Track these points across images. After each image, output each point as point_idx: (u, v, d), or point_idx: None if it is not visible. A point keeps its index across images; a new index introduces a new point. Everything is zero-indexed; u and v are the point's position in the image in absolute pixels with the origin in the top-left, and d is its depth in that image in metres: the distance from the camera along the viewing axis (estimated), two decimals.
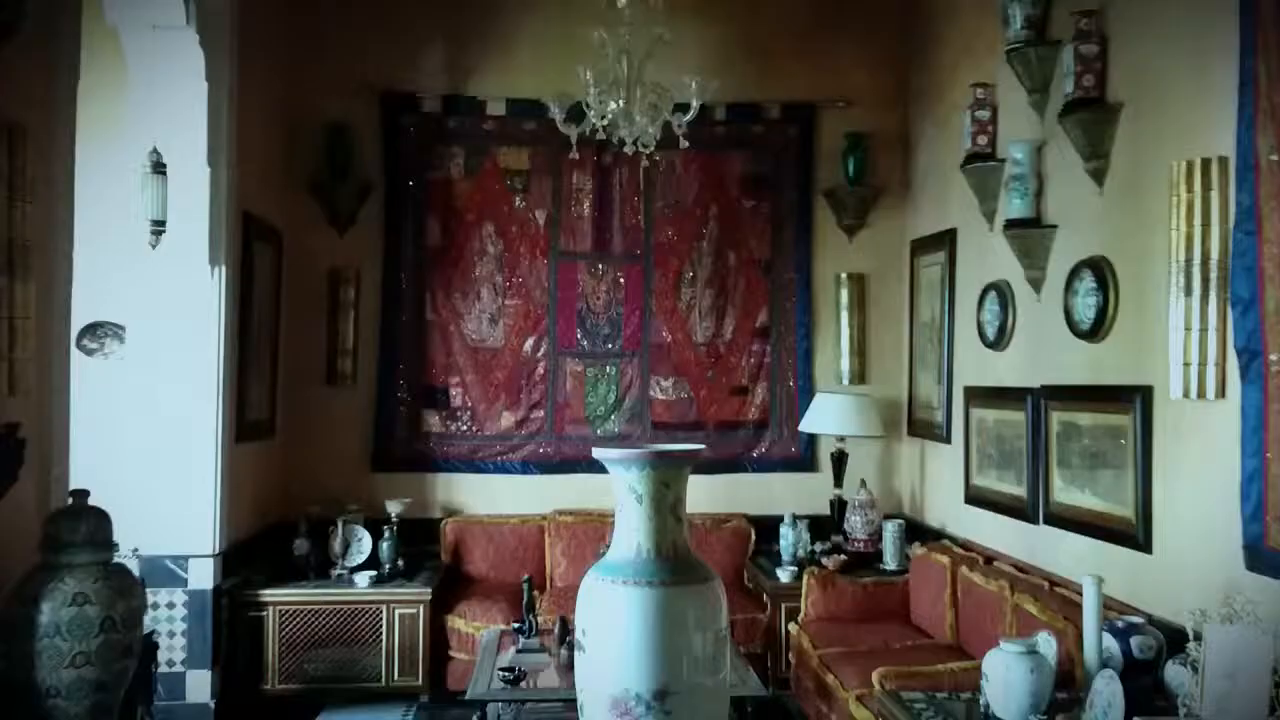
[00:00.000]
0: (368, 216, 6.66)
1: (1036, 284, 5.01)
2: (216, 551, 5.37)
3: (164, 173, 4.94)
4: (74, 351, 4.43)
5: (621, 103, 4.93)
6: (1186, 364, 3.69)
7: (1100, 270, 4.41)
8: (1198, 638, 2.64)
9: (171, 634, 5.28)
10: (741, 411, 6.93)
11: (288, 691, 5.64)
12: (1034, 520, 5.00)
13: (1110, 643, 3.57)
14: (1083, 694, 3.41)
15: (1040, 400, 4.96)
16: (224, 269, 5.38)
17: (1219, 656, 2.57)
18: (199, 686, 5.32)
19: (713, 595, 2.43)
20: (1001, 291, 5.39)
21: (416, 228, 6.73)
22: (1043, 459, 4.91)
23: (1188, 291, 3.67)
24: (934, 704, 3.72)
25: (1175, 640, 3.40)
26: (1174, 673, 3.39)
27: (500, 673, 4.60)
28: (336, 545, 5.99)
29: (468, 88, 6.77)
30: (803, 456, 6.91)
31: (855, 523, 6.39)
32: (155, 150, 4.93)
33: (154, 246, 4.94)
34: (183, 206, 5.11)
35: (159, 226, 4.92)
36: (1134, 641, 3.57)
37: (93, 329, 5.30)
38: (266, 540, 6.11)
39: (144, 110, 5.14)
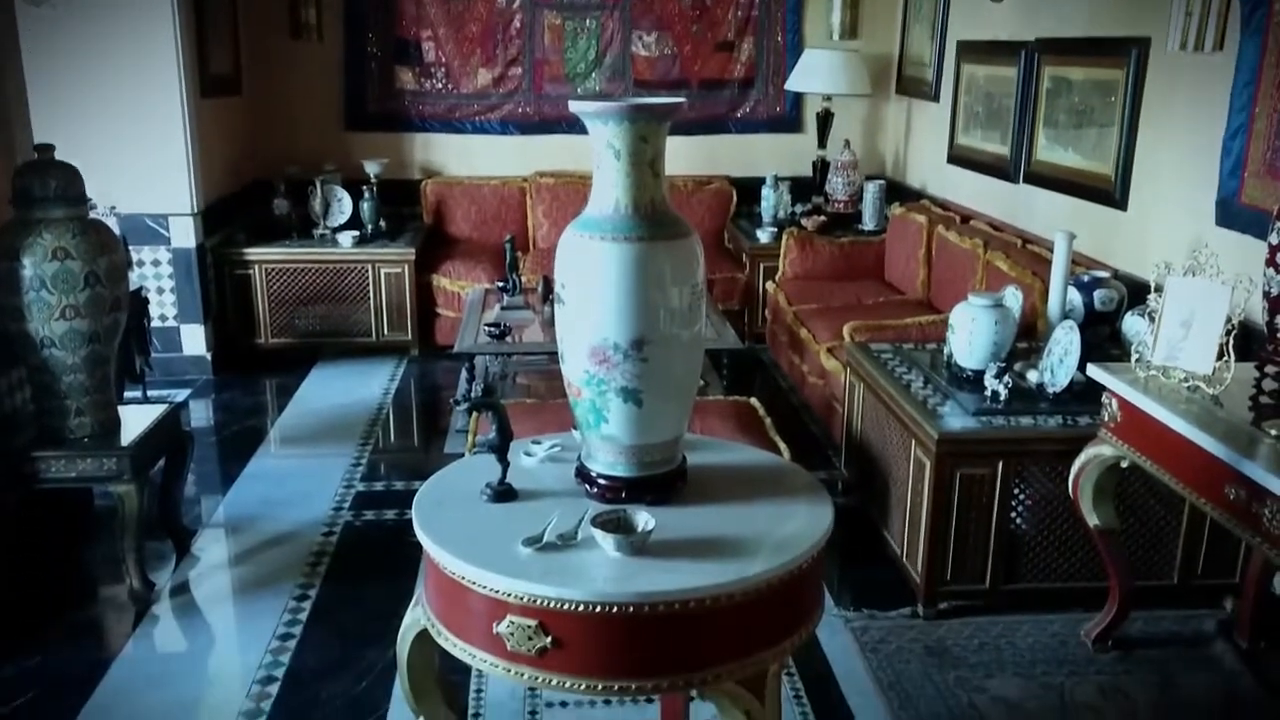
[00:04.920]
0: None
1: None
2: (195, 211, 5.36)
3: None
4: (20, 5, 4.16)
5: None
6: (1189, 13, 3.54)
7: None
8: (1159, 290, 2.71)
9: (160, 290, 5.39)
10: (727, 69, 6.68)
11: (281, 345, 5.85)
12: (1014, 179, 5.00)
13: (1074, 295, 3.68)
14: (1043, 344, 3.57)
15: (1034, 54, 4.79)
16: None
17: (1177, 306, 2.65)
18: (194, 339, 5.52)
19: (689, 250, 2.43)
20: None
21: None
22: (1029, 116, 4.82)
23: None
24: (900, 354, 3.89)
25: (1139, 294, 3.51)
26: (1131, 323, 3.53)
27: (486, 328, 4.76)
28: (317, 205, 5.97)
29: None
30: (788, 116, 6.76)
31: (837, 184, 6.38)
32: None
33: None
34: None
35: None
36: (1097, 294, 3.68)
37: None
38: (245, 200, 6.08)
39: None
